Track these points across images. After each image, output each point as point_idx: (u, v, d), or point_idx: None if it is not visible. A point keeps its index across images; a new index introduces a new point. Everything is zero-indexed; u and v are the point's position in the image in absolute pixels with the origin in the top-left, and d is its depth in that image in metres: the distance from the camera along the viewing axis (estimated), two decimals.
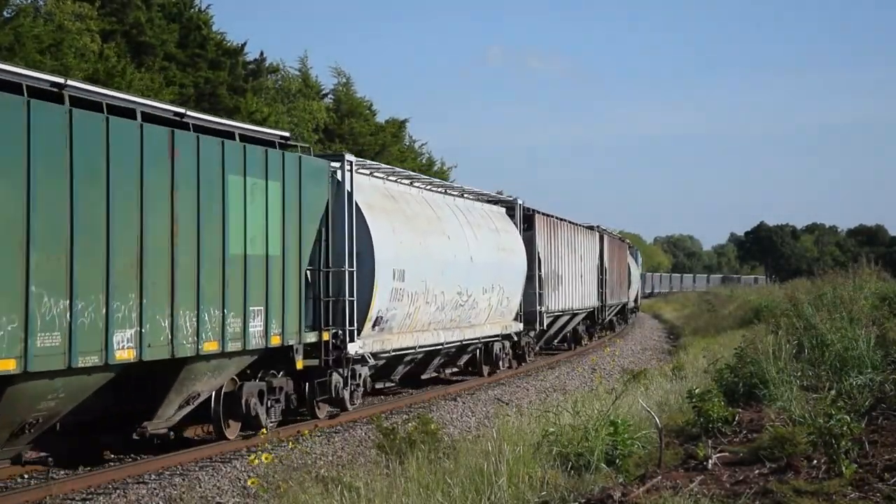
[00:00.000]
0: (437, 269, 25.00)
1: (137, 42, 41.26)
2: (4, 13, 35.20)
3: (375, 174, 24.07)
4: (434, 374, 28.33)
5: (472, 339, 28.27)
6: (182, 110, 16.27)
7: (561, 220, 38.59)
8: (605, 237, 50.06)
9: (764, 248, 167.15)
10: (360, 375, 21.60)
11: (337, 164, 21.01)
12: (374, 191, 23.26)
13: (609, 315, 51.71)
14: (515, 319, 31.96)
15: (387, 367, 24.03)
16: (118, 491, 14.53)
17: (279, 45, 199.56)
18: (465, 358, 29.75)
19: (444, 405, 23.82)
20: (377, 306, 22.11)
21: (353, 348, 20.72)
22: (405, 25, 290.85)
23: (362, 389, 21.91)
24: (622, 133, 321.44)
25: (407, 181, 25.98)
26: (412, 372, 26.19)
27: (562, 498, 10.45)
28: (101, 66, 36.26)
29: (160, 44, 41.98)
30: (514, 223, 32.82)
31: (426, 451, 13.13)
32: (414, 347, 24.28)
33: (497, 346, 31.07)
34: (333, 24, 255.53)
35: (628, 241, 65.63)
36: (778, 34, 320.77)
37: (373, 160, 29.90)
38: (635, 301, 66.38)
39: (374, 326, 22.19)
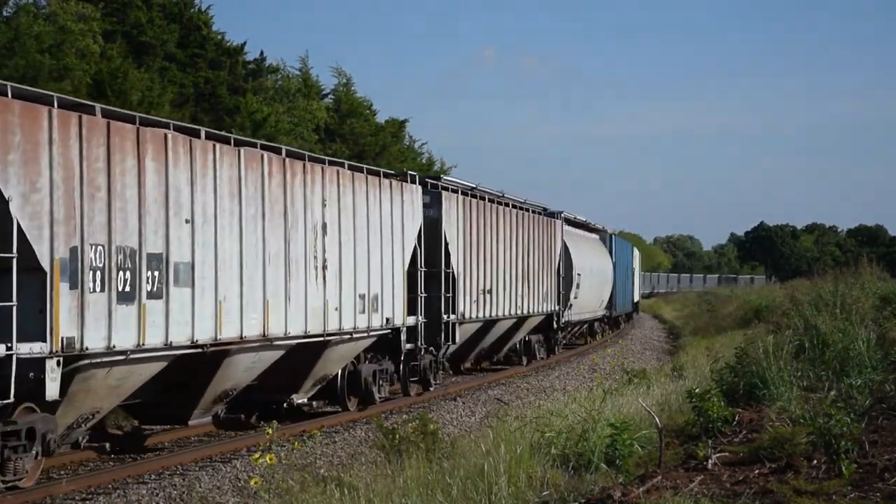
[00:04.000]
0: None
1: (137, 42, 41.25)
2: (4, 12, 35.18)
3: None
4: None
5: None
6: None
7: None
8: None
9: (764, 248, 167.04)
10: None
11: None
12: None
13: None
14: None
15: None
16: (118, 491, 14.53)
17: (279, 45, 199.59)
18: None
19: (444, 405, 23.82)
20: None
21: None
22: (405, 25, 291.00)
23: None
24: (622, 133, 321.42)
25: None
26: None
27: (562, 498, 10.45)
28: (104, 66, 36.26)
29: (160, 44, 41.97)
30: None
31: (426, 451, 13.14)
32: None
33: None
34: (333, 24, 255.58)
35: (608, 229, 52.57)
36: (778, 34, 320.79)
37: (373, 160, 31.31)
38: (610, 310, 51.15)
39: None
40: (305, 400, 20.68)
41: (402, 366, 23.82)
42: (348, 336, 20.36)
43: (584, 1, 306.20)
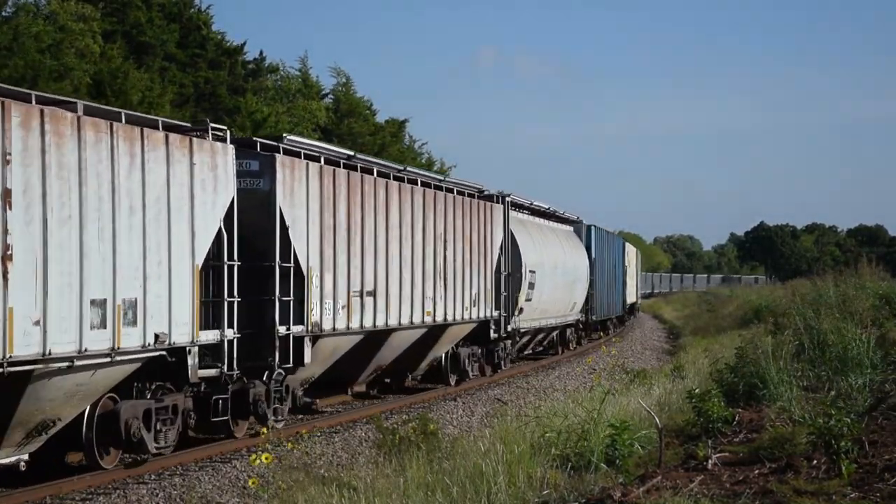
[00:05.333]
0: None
1: (137, 42, 41.26)
2: (4, 11, 35.18)
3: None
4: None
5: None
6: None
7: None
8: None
9: (764, 248, 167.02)
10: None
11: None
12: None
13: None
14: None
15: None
16: (118, 491, 14.53)
17: (279, 45, 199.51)
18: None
19: (444, 405, 23.82)
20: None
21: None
22: (403, 25, 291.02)
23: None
24: (621, 133, 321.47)
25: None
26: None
27: (561, 498, 10.45)
28: (104, 66, 36.27)
29: (160, 44, 41.99)
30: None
31: (426, 451, 13.14)
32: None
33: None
34: (333, 24, 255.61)
35: (581, 219, 43.93)
36: (777, 33, 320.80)
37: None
38: (587, 314, 43.53)
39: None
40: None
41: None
42: None
43: (584, 1, 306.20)
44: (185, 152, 15.91)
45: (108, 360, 14.33)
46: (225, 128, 17.58)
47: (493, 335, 28.93)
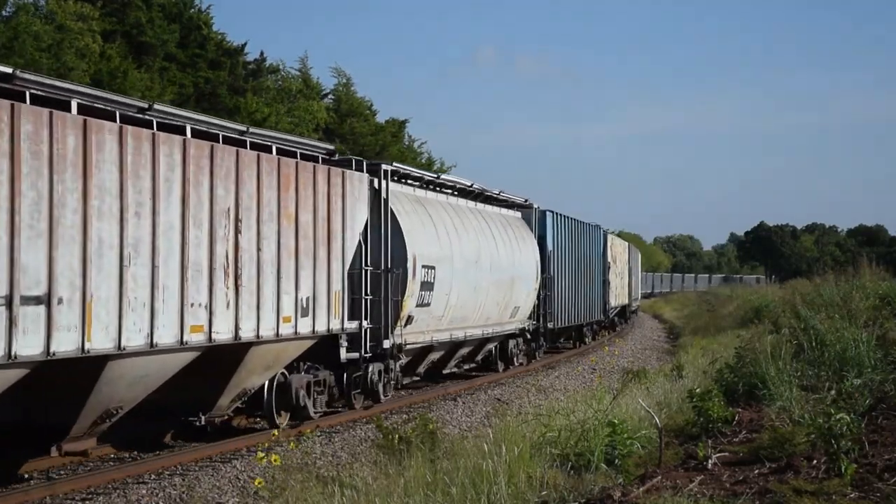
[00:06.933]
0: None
1: (138, 42, 41.28)
2: (3, 11, 35.20)
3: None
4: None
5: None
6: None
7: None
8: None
9: (764, 248, 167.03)
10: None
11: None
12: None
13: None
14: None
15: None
16: (118, 491, 14.53)
17: (279, 45, 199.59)
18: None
19: (444, 405, 23.81)
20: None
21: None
22: (405, 25, 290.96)
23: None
24: (622, 133, 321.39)
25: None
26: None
27: (561, 498, 10.45)
28: (104, 66, 36.29)
29: (160, 44, 42.01)
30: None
31: (426, 450, 13.14)
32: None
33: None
34: (333, 24, 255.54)
35: (532, 202, 34.50)
36: (777, 33, 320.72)
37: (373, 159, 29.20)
38: (542, 322, 34.76)
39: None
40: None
41: None
42: None
43: (584, 1, 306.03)
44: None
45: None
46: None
47: (344, 356, 20.59)
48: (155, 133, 14.91)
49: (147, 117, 15.35)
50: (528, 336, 33.40)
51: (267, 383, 18.80)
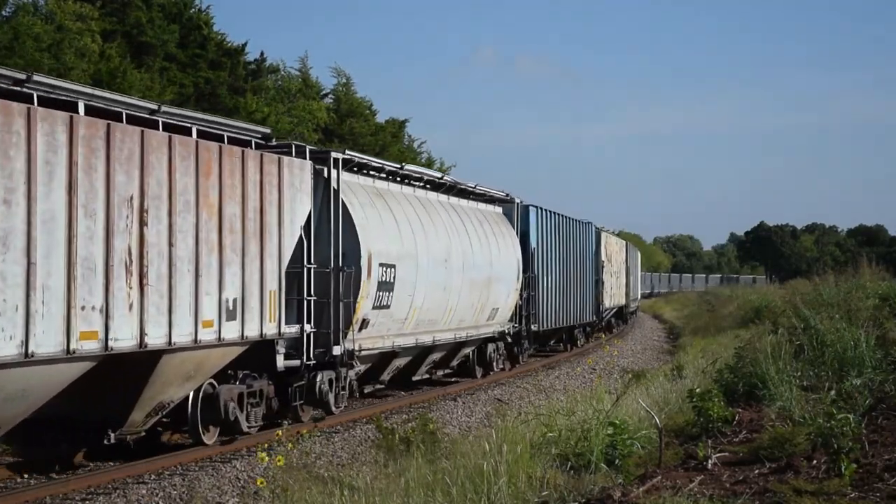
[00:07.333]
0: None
1: (138, 42, 41.27)
2: (3, 12, 35.20)
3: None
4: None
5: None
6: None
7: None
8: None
9: (764, 248, 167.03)
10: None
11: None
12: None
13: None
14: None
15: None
16: (118, 491, 14.53)
17: (279, 45, 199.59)
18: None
19: (444, 405, 23.81)
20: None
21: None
22: (402, 25, 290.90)
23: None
24: (622, 133, 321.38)
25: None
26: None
27: (561, 498, 10.45)
28: (104, 66, 36.29)
29: (160, 44, 42.00)
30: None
31: (426, 450, 13.14)
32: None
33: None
34: (333, 24, 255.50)
35: (513, 196, 32.35)
36: (777, 33, 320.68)
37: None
38: (526, 324, 32.53)
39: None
40: None
41: None
42: None
43: (584, 1, 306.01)
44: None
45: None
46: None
47: (281, 364, 18.47)
48: (31, 108, 12.80)
49: (26, 90, 13.44)
50: (510, 339, 31.27)
51: (192, 395, 16.72)
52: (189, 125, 16.06)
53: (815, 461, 11.38)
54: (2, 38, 31.96)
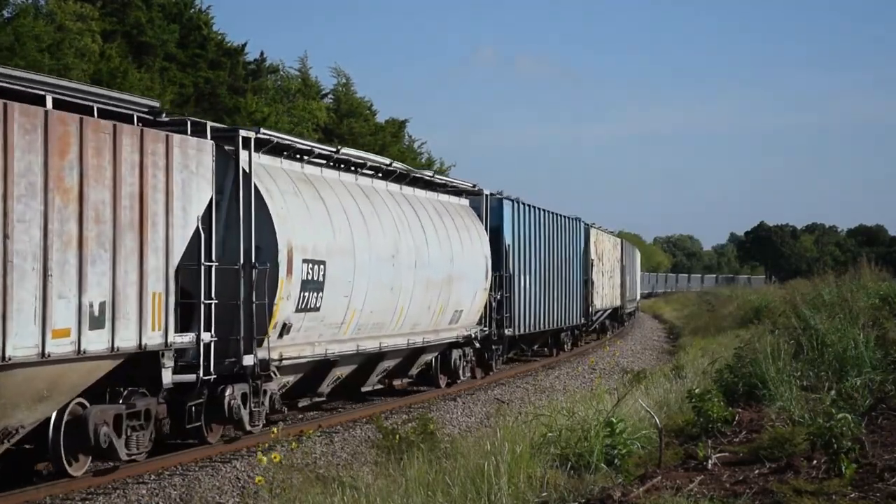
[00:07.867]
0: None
1: (138, 42, 41.29)
2: (5, 13, 35.22)
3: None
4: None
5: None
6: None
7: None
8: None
9: (764, 248, 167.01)
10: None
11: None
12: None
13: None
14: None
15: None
16: (118, 491, 14.53)
17: (279, 45, 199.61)
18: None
19: (444, 405, 23.83)
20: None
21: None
22: (402, 25, 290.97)
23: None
24: (622, 133, 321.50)
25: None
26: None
27: (561, 498, 10.45)
28: (104, 66, 36.31)
29: (160, 44, 42.02)
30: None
31: (426, 450, 13.15)
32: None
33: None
34: (333, 24, 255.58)
35: (482, 188, 29.03)
36: (777, 33, 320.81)
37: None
38: (498, 328, 29.67)
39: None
40: None
41: None
42: None
43: (584, 1, 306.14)
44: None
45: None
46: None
47: (168, 379, 15.58)
48: None
49: None
50: (478, 345, 28.00)
51: (54, 417, 14.01)
52: (43, 92, 13.09)
53: (815, 461, 11.38)
54: (4, 39, 31.98)
